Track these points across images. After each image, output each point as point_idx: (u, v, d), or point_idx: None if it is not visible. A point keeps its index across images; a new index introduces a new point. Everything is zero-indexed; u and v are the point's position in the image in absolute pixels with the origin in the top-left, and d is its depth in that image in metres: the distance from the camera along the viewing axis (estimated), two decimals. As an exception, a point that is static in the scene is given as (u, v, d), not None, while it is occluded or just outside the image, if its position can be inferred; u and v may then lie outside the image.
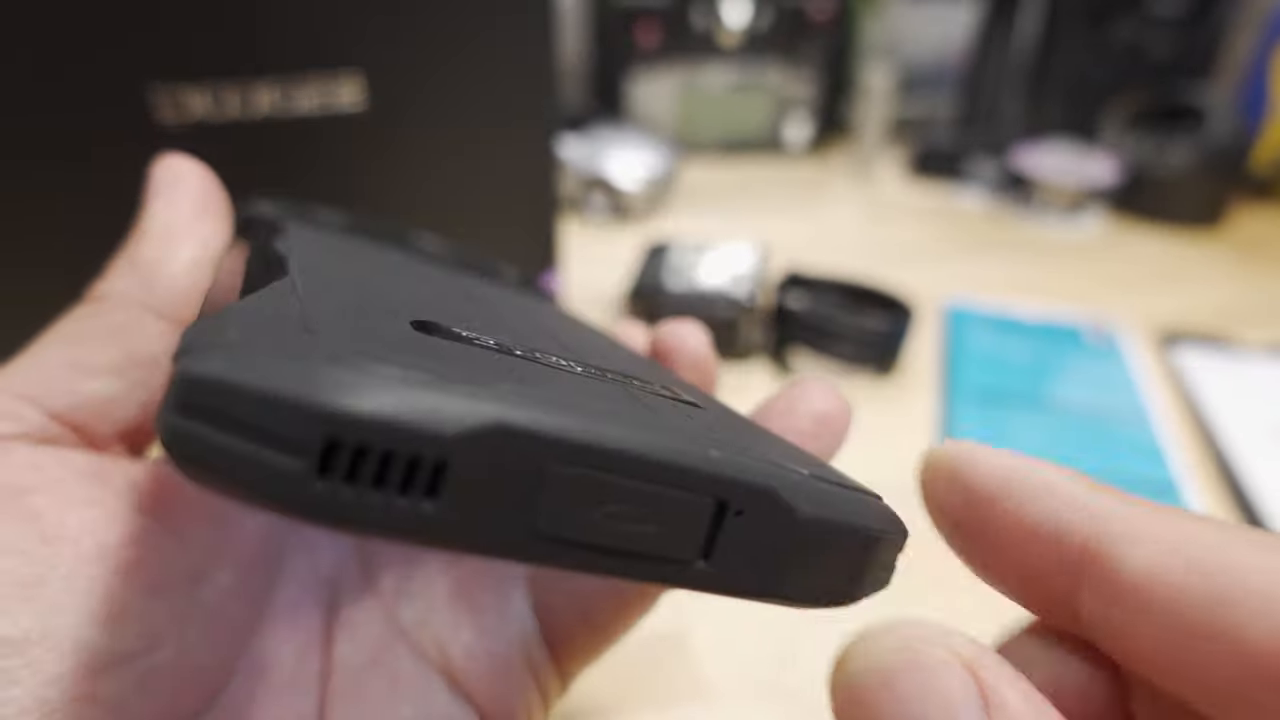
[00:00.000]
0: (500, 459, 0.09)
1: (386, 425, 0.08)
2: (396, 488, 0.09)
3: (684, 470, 0.10)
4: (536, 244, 0.40)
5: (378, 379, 0.08)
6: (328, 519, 0.09)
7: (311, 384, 0.08)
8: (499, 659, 0.17)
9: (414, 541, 0.09)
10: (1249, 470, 0.37)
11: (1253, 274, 0.55)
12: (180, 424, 0.08)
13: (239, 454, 0.08)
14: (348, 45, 0.32)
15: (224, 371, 0.08)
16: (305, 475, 0.08)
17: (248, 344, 0.09)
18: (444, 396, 0.09)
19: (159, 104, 0.30)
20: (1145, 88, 0.66)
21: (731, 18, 0.66)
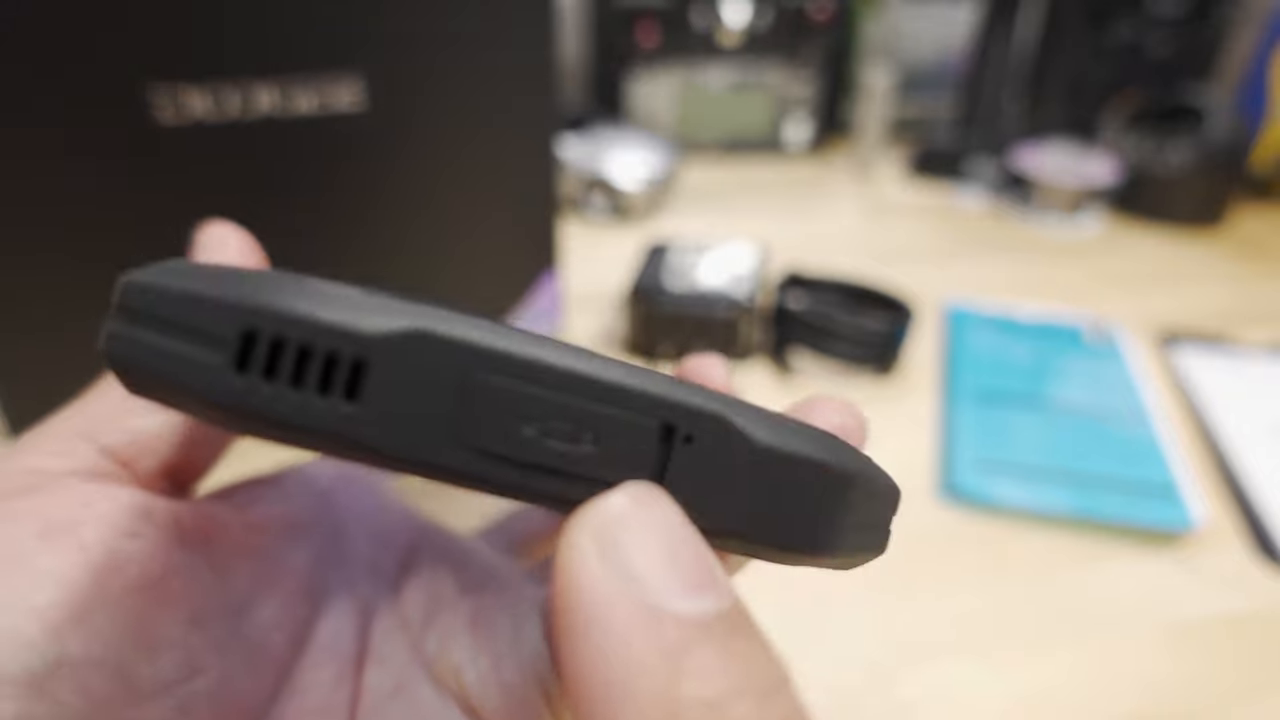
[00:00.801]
0: (421, 364, 0.09)
1: (303, 319, 0.08)
2: (315, 386, 0.09)
3: (621, 389, 0.10)
4: (536, 244, 0.40)
5: (299, 285, 0.09)
6: (246, 415, 0.09)
7: (233, 286, 0.09)
8: (513, 688, 0.18)
9: (333, 446, 0.09)
10: (1248, 470, 0.37)
11: (1252, 274, 0.55)
12: (115, 327, 0.09)
13: (164, 350, 0.09)
14: (347, 46, 0.32)
15: (155, 277, 0.09)
16: (224, 368, 0.08)
17: (181, 268, 0.09)
18: (366, 303, 0.09)
19: (159, 104, 0.30)
20: (1145, 88, 0.66)
21: (731, 18, 0.66)
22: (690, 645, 0.09)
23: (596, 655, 0.09)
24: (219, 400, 0.09)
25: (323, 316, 0.09)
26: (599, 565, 0.09)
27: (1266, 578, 0.32)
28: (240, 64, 0.31)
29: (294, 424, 0.09)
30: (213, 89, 0.31)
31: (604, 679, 0.09)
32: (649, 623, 0.09)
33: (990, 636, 0.29)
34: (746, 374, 0.43)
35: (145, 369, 0.09)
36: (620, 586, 0.09)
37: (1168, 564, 0.32)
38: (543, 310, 0.42)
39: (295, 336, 0.09)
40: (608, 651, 0.09)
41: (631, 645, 0.09)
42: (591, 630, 0.09)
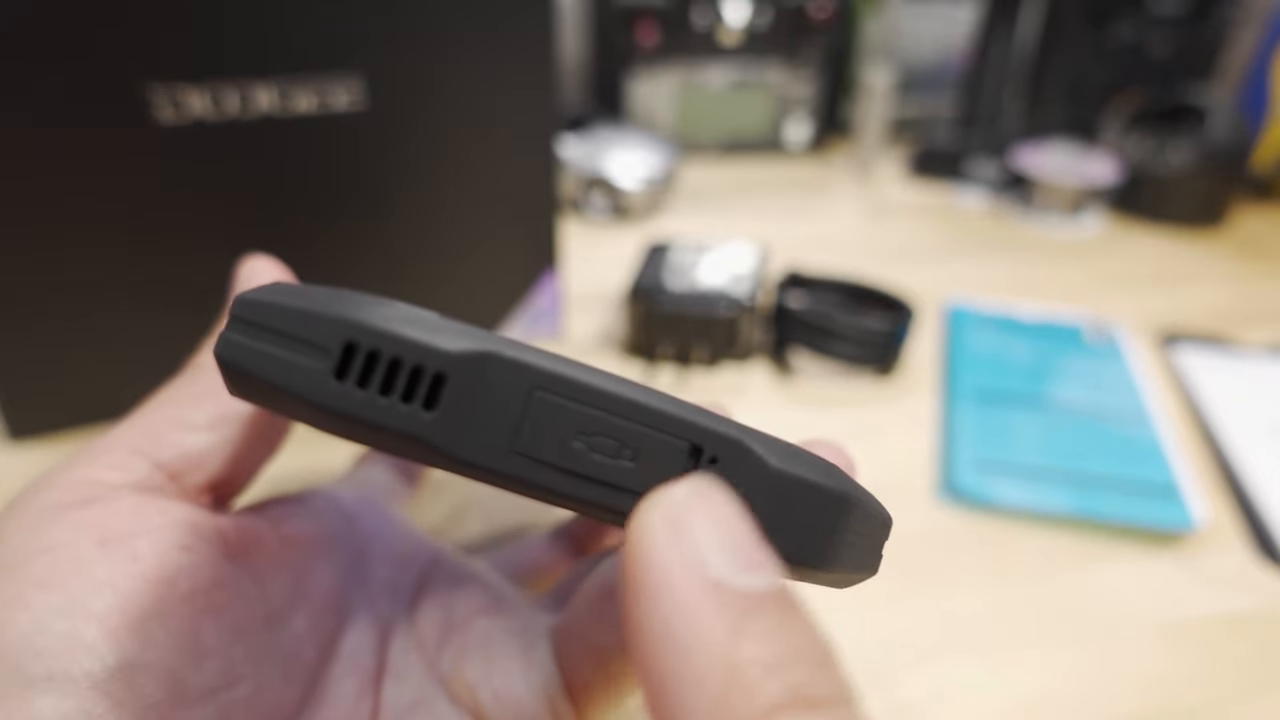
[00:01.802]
0: (490, 381, 0.10)
1: (396, 336, 0.10)
2: (401, 394, 0.10)
3: (659, 413, 0.11)
4: (536, 244, 0.40)
5: (391, 306, 0.10)
6: (343, 417, 0.10)
7: (335, 304, 0.10)
8: (524, 706, 0.19)
9: (411, 448, 0.10)
10: (1249, 470, 0.37)
11: (1253, 274, 0.55)
12: (229, 336, 0.10)
13: (272, 356, 0.10)
14: (347, 45, 0.32)
15: (267, 295, 0.10)
16: (326, 374, 0.10)
17: (288, 288, 0.11)
18: (447, 326, 0.10)
19: (158, 103, 0.30)
20: (1145, 88, 0.66)
21: (731, 17, 0.66)
22: (749, 614, 0.10)
23: (664, 621, 0.10)
24: (319, 402, 0.10)
25: (412, 334, 0.10)
26: (667, 542, 0.10)
27: (1267, 578, 0.32)
28: (240, 63, 0.31)
29: (379, 426, 0.10)
30: (212, 88, 0.31)
31: (670, 643, 0.10)
32: (712, 593, 0.10)
33: (990, 637, 0.29)
34: (746, 374, 0.43)
35: (255, 372, 0.10)
36: (686, 561, 0.10)
37: (1168, 564, 0.32)
38: (543, 310, 0.42)
39: (388, 350, 0.10)
40: (674, 618, 0.10)
41: (696, 612, 0.10)
42: (660, 599, 0.10)
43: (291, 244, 0.35)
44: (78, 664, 0.14)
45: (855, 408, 0.40)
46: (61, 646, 0.14)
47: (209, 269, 0.33)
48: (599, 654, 0.19)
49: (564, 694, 0.19)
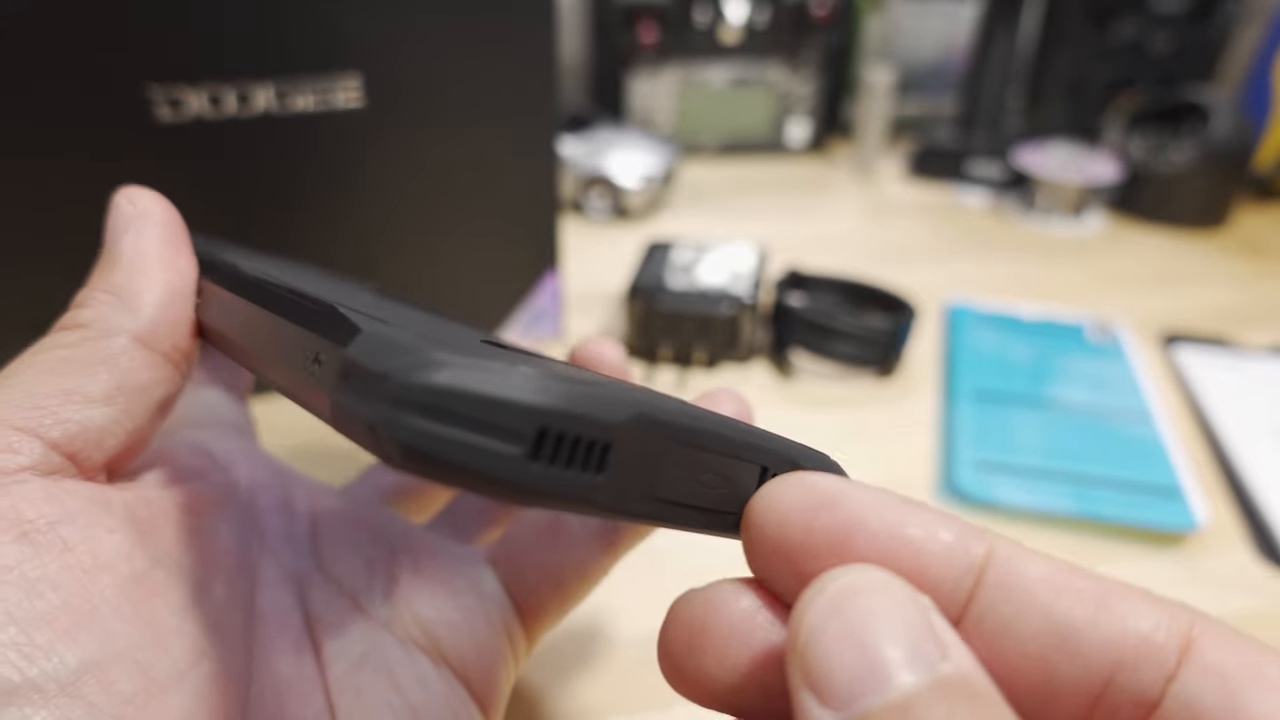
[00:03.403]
0: (642, 440, 0.12)
1: (578, 417, 0.11)
2: (580, 465, 0.11)
3: (750, 446, 0.13)
4: (536, 244, 0.40)
5: (563, 383, 0.11)
6: (537, 494, 0.11)
7: (520, 388, 0.11)
8: (481, 634, 0.19)
9: (584, 507, 0.11)
10: (1250, 470, 0.37)
11: (1255, 274, 0.55)
12: (418, 423, 0.11)
13: (468, 444, 0.11)
14: (345, 45, 0.32)
15: (451, 379, 0.11)
16: (521, 458, 0.11)
17: (439, 359, 0.11)
18: (605, 394, 0.11)
19: (157, 102, 0.30)
20: (1147, 87, 0.66)
21: (731, 16, 0.66)
22: (916, 705, 0.09)
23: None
24: (518, 485, 0.11)
25: (594, 414, 0.11)
26: (833, 627, 0.10)
27: (1268, 578, 0.31)
28: (239, 62, 0.31)
29: (562, 495, 0.11)
30: (211, 87, 0.31)
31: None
32: (882, 684, 0.10)
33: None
34: (746, 374, 0.43)
35: (449, 460, 0.11)
36: (852, 650, 0.10)
37: (1169, 565, 0.32)
38: (543, 310, 0.42)
39: (570, 431, 0.11)
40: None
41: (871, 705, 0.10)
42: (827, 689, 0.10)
43: (290, 242, 0.35)
44: (41, 671, 0.13)
45: (855, 408, 0.40)
46: (13, 657, 0.12)
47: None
48: (554, 576, 0.20)
49: (515, 616, 0.20)
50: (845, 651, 0.10)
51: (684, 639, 0.13)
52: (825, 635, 0.10)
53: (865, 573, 0.11)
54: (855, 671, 0.10)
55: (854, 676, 0.10)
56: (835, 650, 0.10)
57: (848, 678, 0.10)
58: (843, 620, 0.10)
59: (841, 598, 0.11)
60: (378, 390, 0.11)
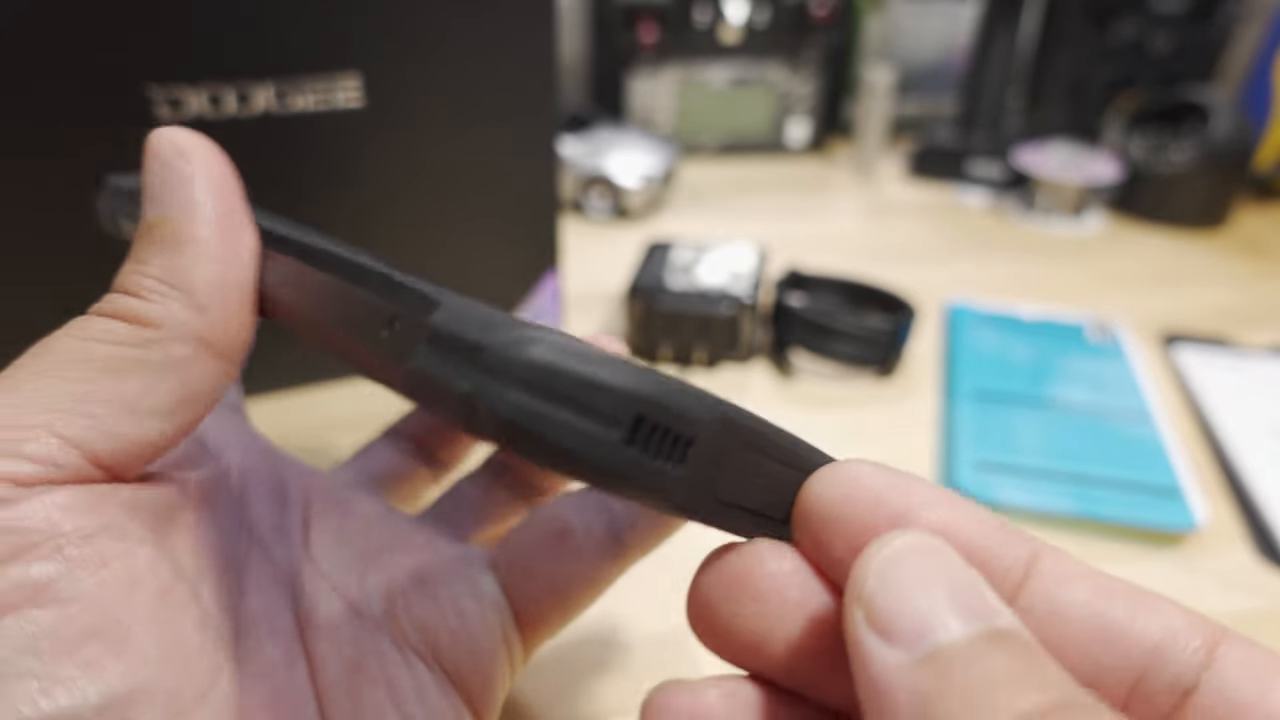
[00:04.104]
0: (719, 440, 0.12)
1: (671, 409, 0.11)
2: (665, 456, 0.11)
3: (805, 456, 0.13)
4: (536, 244, 0.40)
5: (656, 375, 0.11)
6: (623, 479, 0.11)
7: (622, 374, 0.11)
8: (479, 641, 0.18)
9: (655, 498, 0.12)
10: (1250, 470, 0.37)
11: (1255, 274, 0.55)
12: (520, 398, 0.11)
13: (567, 424, 0.11)
14: (345, 45, 0.32)
15: (556, 358, 0.11)
16: (618, 443, 0.11)
17: (538, 335, 0.11)
18: (692, 391, 0.12)
19: (157, 102, 0.30)
20: (1147, 87, 0.66)
21: (731, 15, 0.66)
22: (977, 647, 0.10)
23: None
24: (611, 468, 0.11)
25: (686, 408, 0.11)
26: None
27: (1268, 578, 0.31)
28: (238, 62, 0.31)
29: (643, 483, 0.11)
30: (211, 87, 0.31)
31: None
32: (947, 627, 0.10)
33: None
34: (746, 374, 0.43)
35: (548, 439, 0.11)
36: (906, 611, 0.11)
37: (1169, 565, 0.32)
38: (543, 309, 0.42)
39: (664, 421, 0.11)
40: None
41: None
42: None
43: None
44: (54, 707, 0.11)
45: (855, 408, 0.40)
46: (32, 690, 0.11)
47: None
48: (558, 590, 0.19)
49: (513, 622, 0.19)
50: (914, 596, 0.11)
51: (721, 590, 0.13)
52: (894, 582, 0.11)
53: (925, 536, 0.12)
54: (923, 615, 0.11)
55: (922, 619, 0.10)
56: (905, 594, 0.11)
57: (916, 620, 0.10)
58: (910, 570, 0.11)
59: (908, 552, 0.11)
60: (473, 360, 0.11)
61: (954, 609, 0.11)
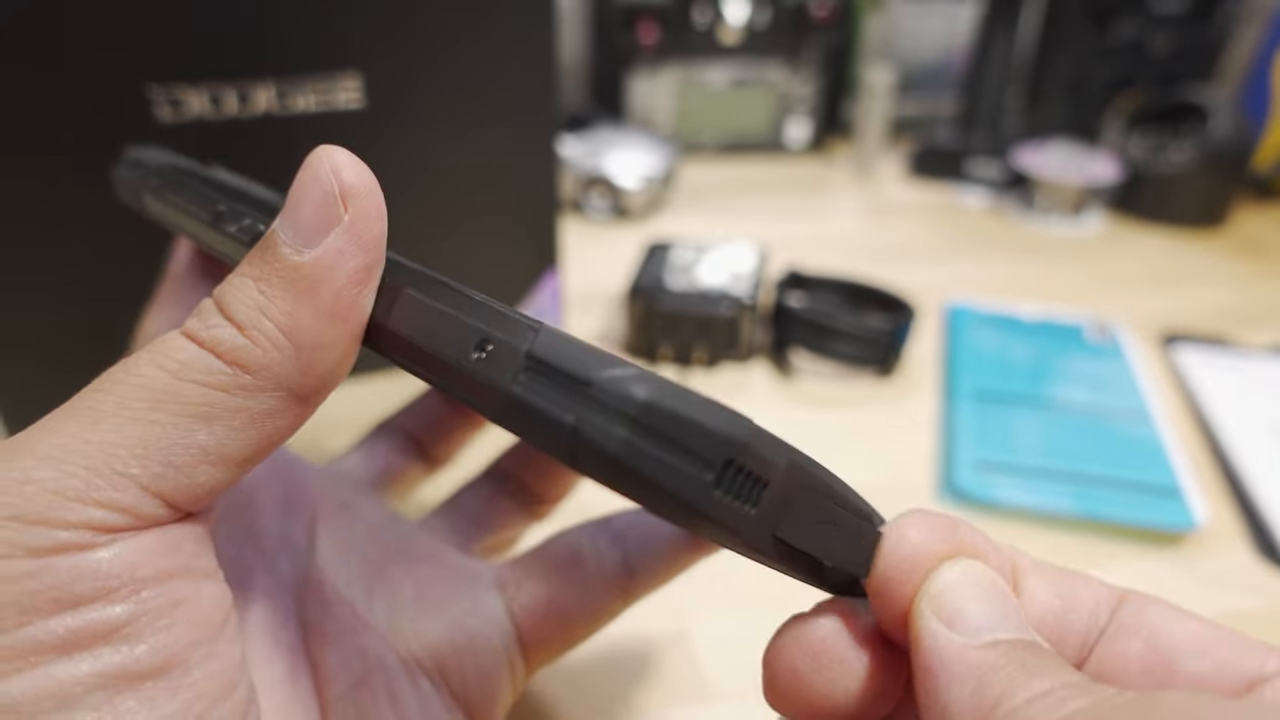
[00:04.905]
0: (789, 483, 0.12)
1: (755, 454, 0.12)
2: (744, 498, 0.12)
3: (855, 499, 0.14)
4: (536, 244, 0.40)
5: (743, 419, 0.12)
6: (707, 518, 0.12)
7: (717, 417, 0.12)
8: (483, 659, 0.18)
9: (728, 537, 0.12)
10: (1250, 470, 0.37)
11: (1254, 274, 0.55)
12: (624, 434, 0.11)
13: (665, 462, 0.11)
14: (345, 45, 0.32)
15: (660, 398, 0.11)
16: (709, 485, 0.11)
17: (643, 374, 0.12)
18: (768, 435, 0.12)
19: (158, 102, 0.30)
20: (1147, 87, 0.66)
21: (731, 16, 0.66)
22: (1019, 647, 0.12)
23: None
24: (700, 508, 0.11)
25: (766, 453, 0.12)
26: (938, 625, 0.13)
27: (1268, 578, 0.31)
28: (239, 63, 0.31)
29: (723, 522, 0.12)
30: (212, 88, 0.31)
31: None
32: (1001, 627, 0.13)
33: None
34: (746, 374, 0.43)
35: (647, 476, 0.11)
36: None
37: (1169, 565, 0.32)
38: (543, 309, 0.42)
39: (747, 465, 0.12)
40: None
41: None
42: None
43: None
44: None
45: (855, 408, 0.40)
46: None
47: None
48: (565, 617, 0.19)
49: (516, 643, 0.19)
50: (977, 598, 0.13)
51: (807, 660, 0.14)
52: (962, 590, 0.13)
53: (983, 567, 0.14)
54: (984, 615, 0.13)
55: (984, 617, 0.13)
56: (970, 595, 0.13)
57: (978, 618, 0.13)
58: (976, 580, 0.13)
59: (972, 567, 0.14)
60: (579, 393, 0.12)
61: (1004, 618, 0.13)
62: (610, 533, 0.20)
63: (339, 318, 0.14)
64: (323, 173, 0.15)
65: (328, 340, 0.14)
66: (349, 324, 0.14)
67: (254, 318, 0.14)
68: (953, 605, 0.13)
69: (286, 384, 0.14)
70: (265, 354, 0.14)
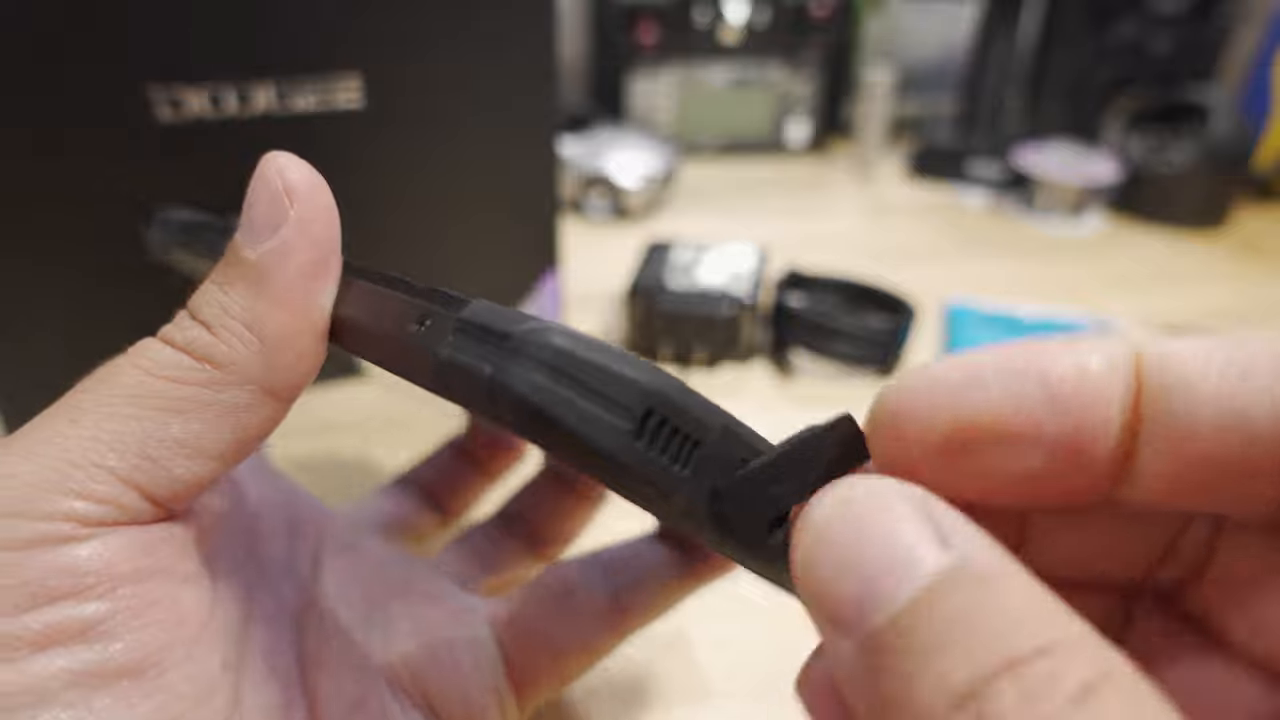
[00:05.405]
0: (724, 449, 0.12)
1: (681, 408, 0.11)
2: (671, 456, 0.11)
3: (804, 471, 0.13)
4: (536, 244, 0.40)
5: (670, 375, 0.12)
6: (631, 471, 0.11)
7: (636, 368, 0.11)
8: (472, 695, 0.18)
9: (660, 500, 0.12)
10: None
11: (1254, 274, 0.55)
12: (539, 379, 0.11)
13: (581, 409, 0.11)
14: (345, 45, 0.32)
15: (574, 346, 0.11)
16: (628, 433, 0.11)
17: (560, 326, 0.12)
18: (701, 396, 0.12)
19: (157, 102, 0.30)
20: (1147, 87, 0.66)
21: (731, 16, 0.66)
22: (923, 608, 0.09)
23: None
24: (619, 459, 0.11)
25: (695, 410, 0.12)
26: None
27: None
28: (239, 63, 0.31)
29: (647, 478, 0.11)
30: (211, 88, 0.31)
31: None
32: (884, 599, 0.10)
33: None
34: (746, 374, 0.43)
35: (561, 422, 0.11)
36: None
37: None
38: (543, 310, 0.42)
39: (673, 419, 0.11)
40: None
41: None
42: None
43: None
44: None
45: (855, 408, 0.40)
46: (67, 718, 0.12)
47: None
48: (555, 650, 0.19)
49: (506, 679, 0.19)
50: (840, 579, 0.10)
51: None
52: (819, 567, 0.10)
53: (851, 490, 0.11)
54: (855, 596, 0.09)
55: (855, 602, 0.09)
56: (831, 579, 0.10)
57: (850, 605, 0.09)
58: (832, 548, 0.10)
59: (825, 526, 0.10)
60: (500, 346, 0.12)
61: (892, 572, 0.10)
62: (601, 566, 0.20)
63: (296, 310, 0.15)
64: (270, 175, 0.16)
65: (289, 332, 0.15)
66: (308, 317, 0.15)
67: (218, 316, 0.15)
68: (821, 597, 0.10)
69: (255, 378, 0.14)
70: (231, 349, 0.14)
